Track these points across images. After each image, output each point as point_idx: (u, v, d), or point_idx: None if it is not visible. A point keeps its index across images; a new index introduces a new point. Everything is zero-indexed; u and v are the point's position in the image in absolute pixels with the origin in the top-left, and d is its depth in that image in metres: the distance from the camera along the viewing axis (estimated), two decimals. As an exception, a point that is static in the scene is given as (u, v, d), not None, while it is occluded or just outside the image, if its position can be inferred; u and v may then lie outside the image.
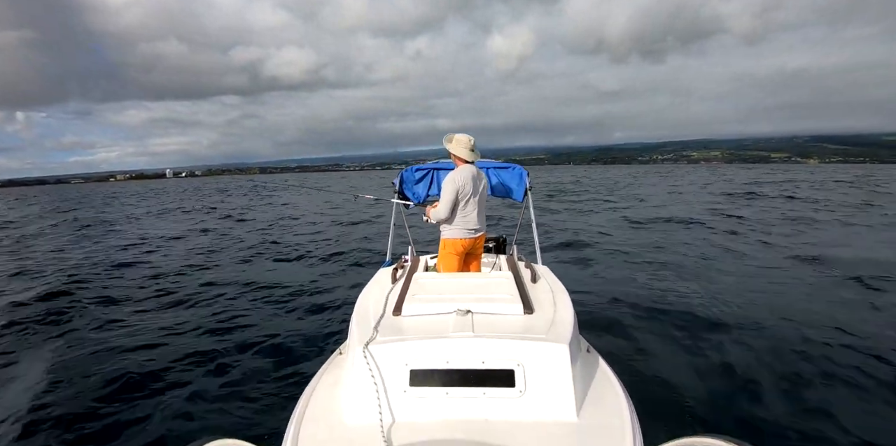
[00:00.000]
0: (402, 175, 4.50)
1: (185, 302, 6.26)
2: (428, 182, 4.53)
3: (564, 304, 2.35)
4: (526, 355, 1.81)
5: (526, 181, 4.34)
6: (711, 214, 14.42)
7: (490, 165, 4.46)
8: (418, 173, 4.51)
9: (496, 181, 4.50)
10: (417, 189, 4.55)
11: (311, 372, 2.22)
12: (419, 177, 4.53)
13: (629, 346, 4.20)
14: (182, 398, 3.55)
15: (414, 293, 2.42)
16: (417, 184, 4.54)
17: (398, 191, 4.45)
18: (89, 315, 5.66)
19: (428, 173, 4.51)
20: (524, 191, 4.36)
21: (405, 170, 4.51)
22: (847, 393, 3.38)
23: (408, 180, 4.52)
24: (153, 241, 12.27)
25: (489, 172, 4.47)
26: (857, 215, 13.68)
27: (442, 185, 3.51)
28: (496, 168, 4.49)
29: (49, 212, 26.62)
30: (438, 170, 4.47)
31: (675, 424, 2.94)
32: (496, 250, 4.69)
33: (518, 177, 4.43)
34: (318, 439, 1.65)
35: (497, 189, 4.53)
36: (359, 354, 1.84)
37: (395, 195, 4.42)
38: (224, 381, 3.81)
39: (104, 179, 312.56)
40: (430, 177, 4.52)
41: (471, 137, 3.44)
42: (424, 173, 4.52)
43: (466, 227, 3.48)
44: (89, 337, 4.89)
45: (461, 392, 1.74)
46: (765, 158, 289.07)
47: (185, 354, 4.35)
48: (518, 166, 4.45)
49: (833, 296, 5.69)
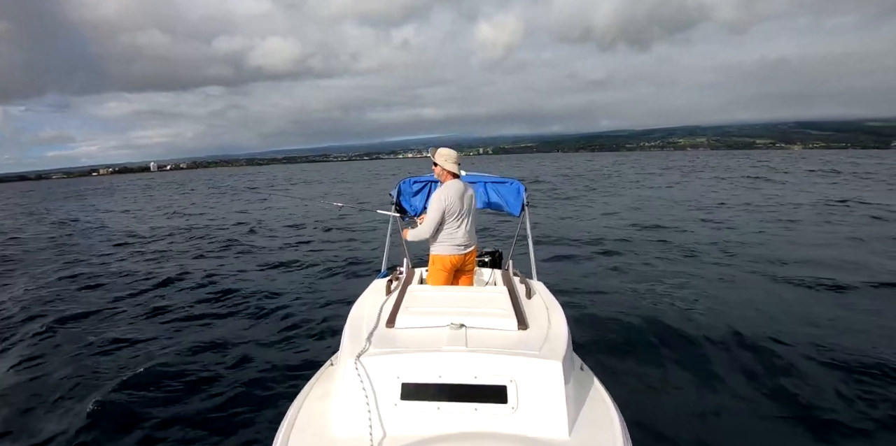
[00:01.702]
0: (400, 186, 4.48)
1: (168, 308, 6.19)
2: (426, 194, 4.49)
3: (559, 321, 2.34)
4: (519, 371, 1.80)
5: (523, 196, 4.32)
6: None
7: (487, 180, 4.43)
8: (416, 185, 4.49)
9: (493, 196, 4.47)
10: (415, 201, 4.52)
11: (301, 382, 2.23)
12: (417, 189, 4.50)
13: (623, 365, 4.17)
14: (168, 407, 3.54)
15: (408, 305, 2.40)
16: (415, 197, 4.51)
17: (395, 202, 4.42)
18: (74, 330, 5.55)
19: (426, 186, 4.50)
20: (521, 206, 4.33)
21: (403, 182, 4.51)
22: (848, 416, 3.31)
23: (405, 192, 4.49)
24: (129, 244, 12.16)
25: (486, 187, 4.45)
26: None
27: (429, 203, 3.50)
28: (493, 183, 4.45)
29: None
30: (435, 183, 4.32)
31: (667, 444, 3.00)
32: (491, 264, 4.64)
33: (515, 192, 4.40)
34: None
35: (493, 204, 4.49)
36: (350, 366, 1.83)
37: (392, 207, 4.38)
38: (212, 391, 3.78)
39: (87, 174, 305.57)
40: (427, 189, 4.50)
41: (454, 152, 3.49)
42: (422, 186, 4.49)
43: (455, 244, 3.46)
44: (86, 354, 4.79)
45: (453, 407, 1.73)
46: (749, 144, 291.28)
47: (170, 364, 4.33)
48: (516, 181, 4.45)
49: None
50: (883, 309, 5.47)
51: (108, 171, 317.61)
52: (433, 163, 3.49)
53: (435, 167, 3.51)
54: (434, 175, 3.64)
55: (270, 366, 4.21)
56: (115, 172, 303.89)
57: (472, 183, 4.03)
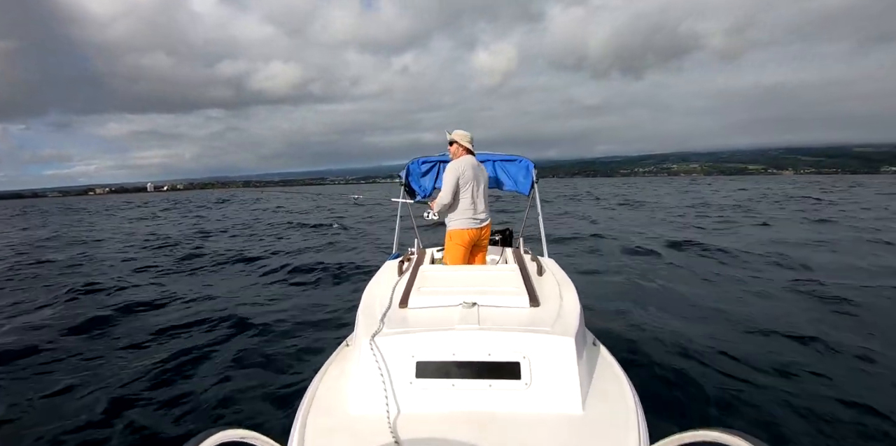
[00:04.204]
0: (409, 167, 4.45)
1: (184, 293, 6.19)
2: (434, 174, 4.48)
3: (570, 297, 2.35)
4: (532, 348, 1.81)
5: (533, 174, 4.31)
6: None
7: (496, 158, 4.42)
8: (425, 166, 4.47)
9: (502, 174, 4.46)
10: (424, 181, 4.49)
11: (318, 363, 2.21)
12: (426, 169, 4.48)
13: (636, 339, 4.15)
14: (187, 389, 3.56)
15: (420, 285, 2.42)
16: (424, 177, 4.49)
17: (404, 183, 4.39)
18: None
19: (434, 165, 4.47)
20: (531, 184, 4.32)
21: (412, 163, 4.47)
22: (854, 382, 3.34)
23: (414, 172, 4.47)
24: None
25: (495, 165, 4.44)
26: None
27: (443, 175, 3.58)
28: (502, 161, 4.44)
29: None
30: (444, 163, 4.39)
31: (680, 418, 2.95)
32: (502, 243, 4.66)
33: (525, 170, 4.38)
34: (324, 430, 1.65)
35: (503, 182, 4.47)
36: (365, 346, 1.85)
37: (401, 187, 4.37)
38: (231, 373, 3.80)
39: (83, 193, 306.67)
40: (436, 169, 4.47)
41: (469, 132, 3.61)
42: (431, 165, 4.47)
43: (472, 217, 3.53)
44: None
45: (467, 384, 1.74)
46: (742, 170, 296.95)
47: (189, 347, 4.34)
48: (524, 158, 4.40)
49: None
50: None
51: (104, 191, 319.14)
52: (449, 142, 3.63)
53: (451, 146, 3.63)
54: (448, 154, 3.72)
55: (288, 349, 4.24)
56: (111, 192, 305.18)
57: (482, 162, 4.06)
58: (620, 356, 2.15)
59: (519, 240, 4.15)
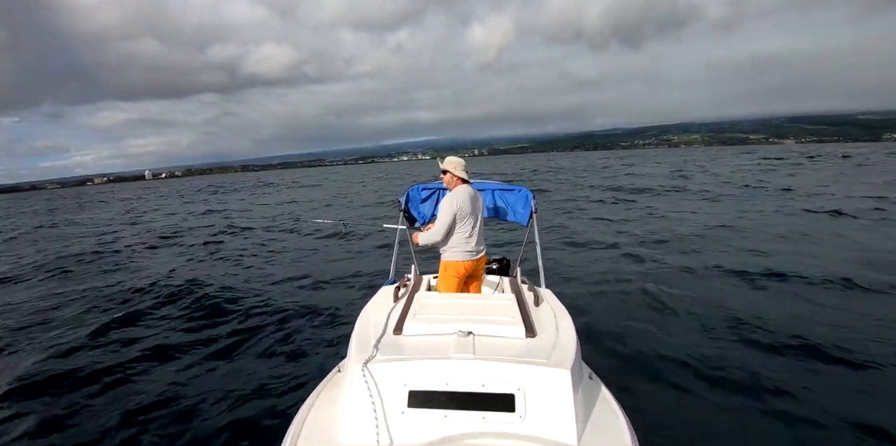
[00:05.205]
0: (409, 193, 4.40)
1: (176, 299, 6.26)
2: (434, 201, 4.41)
3: (567, 329, 2.31)
4: (527, 379, 1.78)
5: (532, 204, 4.21)
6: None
7: (495, 187, 4.36)
8: (424, 192, 4.43)
9: (501, 203, 4.39)
10: (423, 208, 4.44)
11: (309, 388, 2.21)
12: (425, 195, 4.44)
13: (632, 373, 4.01)
14: (176, 410, 3.55)
15: (416, 312, 2.38)
16: (423, 203, 4.44)
17: (403, 209, 4.35)
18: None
19: (434, 193, 4.42)
20: (529, 214, 4.23)
21: (411, 189, 4.44)
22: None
23: (414, 199, 4.43)
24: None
25: (494, 194, 4.38)
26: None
27: (439, 207, 3.45)
28: (501, 190, 4.37)
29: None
30: (444, 191, 4.24)
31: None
32: (500, 272, 4.56)
33: (524, 200, 4.29)
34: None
35: (501, 211, 4.40)
36: (358, 372, 1.82)
37: (399, 215, 4.34)
38: (220, 397, 3.76)
39: (81, 183, 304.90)
40: (436, 196, 4.41)
41: (462, 160, 3.47)
42: (431, 192, 4.43)
43: (467, 249, 3.40)
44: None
45: (460, 415, 1.71)
46: (743, 140, 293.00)
47: (184, 366, 4.34)
48: (524, 188, 4.33)
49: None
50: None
51: (102, 181, 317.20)
52: (442, 171, 3.46)
53: (444, 175, 3.47)
54: (443, 183, 3.58)
55: (278, 373, 4.17)
56: (109, 181, 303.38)
57: (480, 190, 3.91)
58: (617, 390, 2.13)
59: (516, 270, 4.06)
